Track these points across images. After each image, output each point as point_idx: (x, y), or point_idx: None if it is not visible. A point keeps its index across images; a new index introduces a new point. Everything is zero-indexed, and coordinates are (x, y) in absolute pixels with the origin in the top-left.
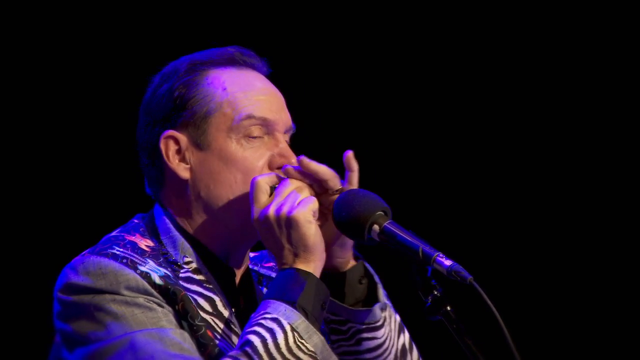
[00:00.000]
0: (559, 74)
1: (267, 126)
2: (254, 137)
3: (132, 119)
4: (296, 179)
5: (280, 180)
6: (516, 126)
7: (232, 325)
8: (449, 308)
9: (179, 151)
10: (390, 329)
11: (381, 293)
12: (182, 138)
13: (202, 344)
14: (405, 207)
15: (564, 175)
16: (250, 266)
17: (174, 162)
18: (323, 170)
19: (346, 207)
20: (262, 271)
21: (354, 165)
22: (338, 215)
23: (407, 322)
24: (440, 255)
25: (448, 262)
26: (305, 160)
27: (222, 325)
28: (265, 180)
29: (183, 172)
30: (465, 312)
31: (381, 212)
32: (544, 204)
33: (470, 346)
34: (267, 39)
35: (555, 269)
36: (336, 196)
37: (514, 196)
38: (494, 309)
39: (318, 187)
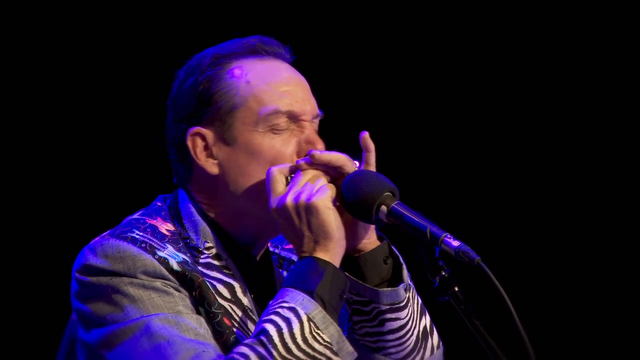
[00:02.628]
0: (565, 64)
1: (293, 117)
2: (281, 130)
3: (141, 111)
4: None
5: (296, 170)
6: (526, 111)
7: (250, 313)
8: (456, 289)
9: (206, 147)
10: (413, 310)
11: (405, 274)
12: (209, 134)
13: (218, 332)
14: (413, 189)
15: (571, 159)
16: (271, 249)
17: (202, 158)
18: (335, 157)
19: (354, 188)
20: (283, 254)
21: (371, 145)
22: (346, 197)
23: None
24: (448, 236)
25: (456, 243)
26: (316, 154)
27: (240, 313)
28: (280, 170)
29: (212, 167)
30: (473, 293)
31: (389, 193)
32: (551, 186)
33: (478, 327)
34: (291, 24)
35: (562, 249)
36: None
37: (522, 177)
38: (501, 289)
39: (334, 172)
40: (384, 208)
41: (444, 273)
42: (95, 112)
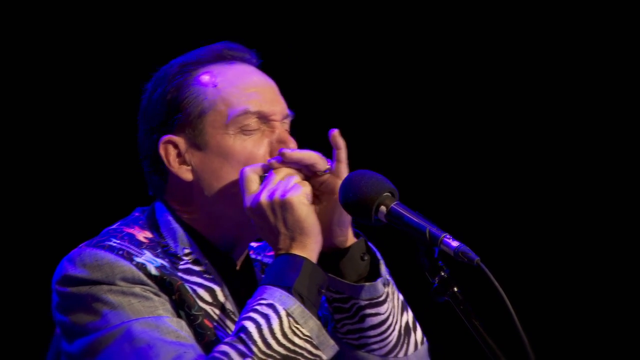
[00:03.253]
0: (565, 64)
1: (263, 118)
2: (252, 130)
3: (130, 118)
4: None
5: (269, 169)
6: (526, 111)
7: (232, 315)
8: (456, 289)
9: (179, 154)
10: (393, 305)
11: (383, 269)
12: (181, 141)
13: (199, 333)
14: (412, 189)
15: (570, 159)
16: (253, 256)
17: (175, 166)
18: (307, 155)
19: (353, 188)
20: (266, 260)
21: (341, 143)
22: (345, 197)
23: (414, 304)
24: (447, 236)
25: (455, 244)
26: (287, 152)
27: (221, 315)
28: (253, 170)
29: (185, 174)
30: (472, 293)
31: (388, 193)
32: (550, 186)
33: (477, 327)
34: (260, 28)
35: (561, 249)
36: (326, 175)
37: (521, 177)
38: (501, 290)
39: (307, 171)
40: (383, 208)
41: (443, 273)
42: (75, 126)
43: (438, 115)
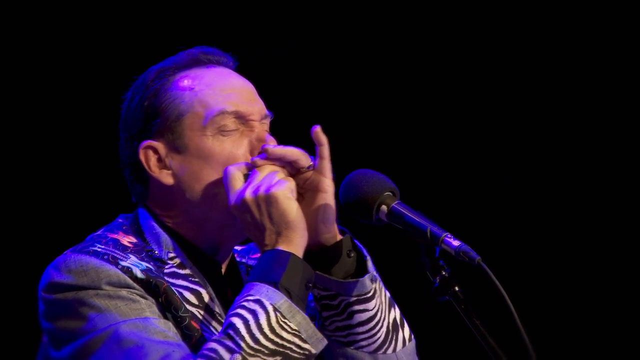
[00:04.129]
0: (565, 64)
1: (241, 118)
2: (230, 130)
3: (112, 127)
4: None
5: (253, 167)
6: (527, 111)
7: (218, 316)
8: (457, 288)
9: (159, 159)
10: (381, 302)
11: (370, 265)
12: (160, 146)
13: (187, 335)
14: (413, 188)
15: (571, 159)
16: (238, 259)
17: (155, 170)
18: (290, 152)
19: (354, 188)
20: (250, 262)
21: (323, 139)
22: (346, 197)
23: (414, 303)
24: (449, 235)
25: (456, 243)
26: (270, 148)
27: (208, 316)
28: (238, 168)
29: (166, 178)
30: (473, 293)
31: (389, 193)
32: (551, 186)
33: (478, 326)
34: (240, 30)
35: (562, 248)
36: (309, 172)
37: (522, 177)
38: (502, 289)
39: (291, 168)
40: (384, 208)
41: (444, 273)
42: (59, 134)
43: (439, 115)
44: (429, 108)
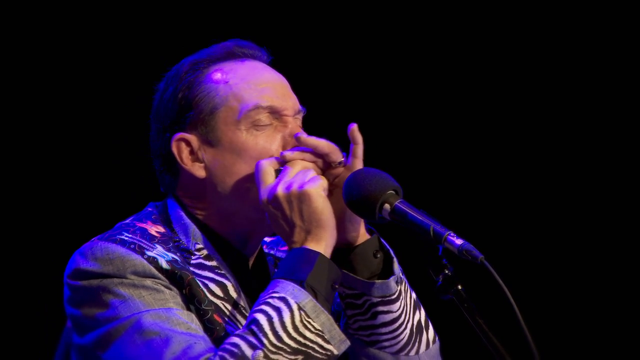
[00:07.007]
0: (565, 64)
1: (275, 113)
2: (264, 125)
3: (142, 117)
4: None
5: (285, 162)
6: (528, 110)
7: (243, 310)
8: (460, 287)
9: (191, 152)
10: (405, 304)
11: (396, 267)
12: (193, 138)
13: (209, 328)
14: (416, 187)
15: (572, 158)
16: (266, 250)
17: (188, 163)
18: (322, 144)
19: (357, 186)
20: (279, 254)
21: (359, 138)
22: (349, 195)
23: (428, 303)
24: (451, 234)
25: (459, 241)
26: (303, 136)
27: (232, 310)
28: (270, 162)
29: (198, 171)
30: (476, 291)
31: (392, 191)
32: (553, 185)
33: (481, 325)
34: (273, 25)
35: (565, 247)
36: (340, 169)
37: (525, 175)
38: (505, 288)
39: (321, 163)
40: (387, 206)
41: (447, 271)
42: (91, 119)
43: (442, 114)
44: (432, 107)
